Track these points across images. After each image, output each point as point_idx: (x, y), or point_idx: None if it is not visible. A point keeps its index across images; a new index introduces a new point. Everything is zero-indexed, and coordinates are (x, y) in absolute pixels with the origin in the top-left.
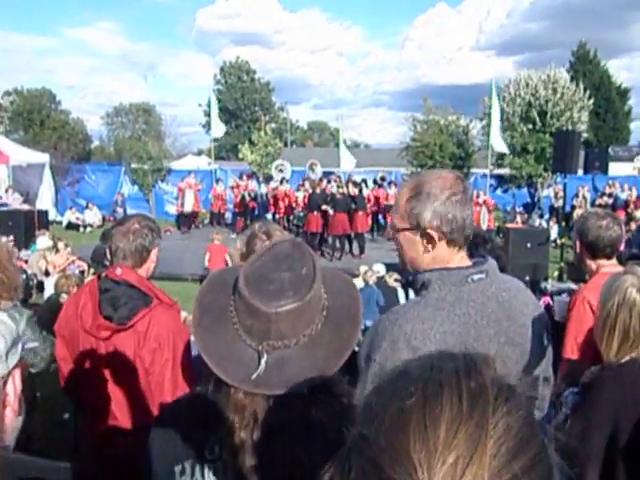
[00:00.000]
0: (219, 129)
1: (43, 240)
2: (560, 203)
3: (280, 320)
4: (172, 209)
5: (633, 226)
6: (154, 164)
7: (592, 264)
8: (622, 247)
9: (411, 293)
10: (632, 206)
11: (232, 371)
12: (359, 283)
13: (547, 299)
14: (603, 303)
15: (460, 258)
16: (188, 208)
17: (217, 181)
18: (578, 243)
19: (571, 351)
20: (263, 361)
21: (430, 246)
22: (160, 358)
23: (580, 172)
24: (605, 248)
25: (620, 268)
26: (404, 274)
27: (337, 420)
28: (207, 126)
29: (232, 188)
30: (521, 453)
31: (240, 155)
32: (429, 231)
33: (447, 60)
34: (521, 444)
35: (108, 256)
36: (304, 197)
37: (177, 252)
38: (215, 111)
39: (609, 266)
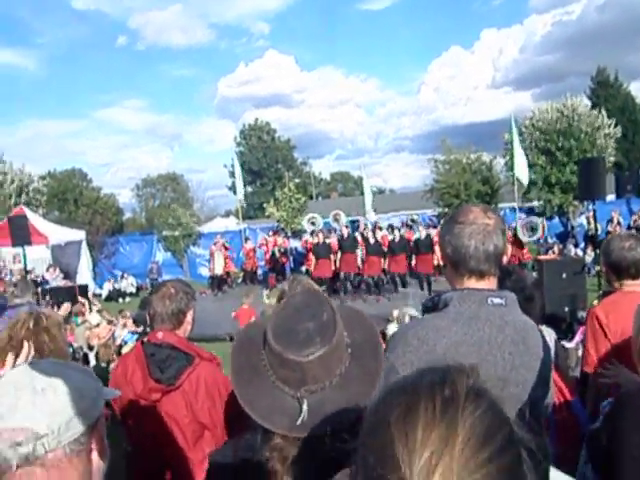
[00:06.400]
0: (241, 192)
1: (94, 316)
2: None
3: (313, 367)
4: (205, 271)
5: None
6: (184, 230)
7: (617, 284)
8: None
9: None
10: None
11: (278, 421)
12: (394, 328)
13: (584, 328)
14: (638, 327)
15: (475, 284)
16: (218, 270)
17: (246, 240)
18: (604, 265)
19: (590, 365)
20: (304, 406)
21: (444, 266)
22: (214, 412)
23: (612, 197)
24: (629, 268)
25: None
26: None
27: None
28: (233, 187)
29: (260, 245)
30: (487, 445)
31: (267, 213)
32: (440, 251)
33: (464, 100)
34: (487, 438)
35: (148, 321)
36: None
37: (212, 313)
38: (239, 173)
39: (632, 286)
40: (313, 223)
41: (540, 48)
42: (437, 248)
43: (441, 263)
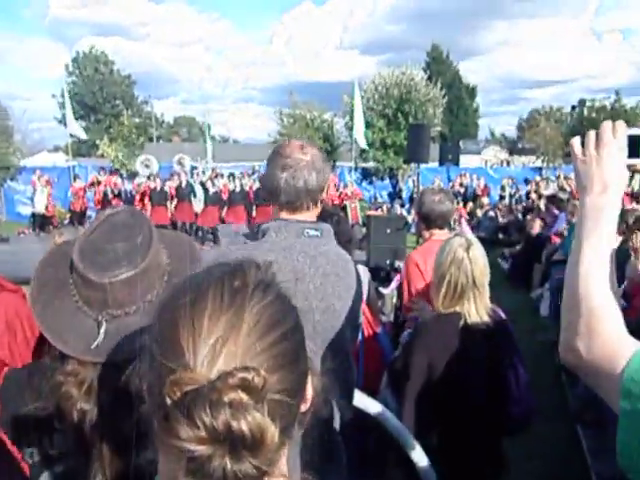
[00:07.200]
0: (73, 124)
1: None
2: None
3: (116, 289)
4: (25, 210)
5: (479, 213)
6: (1, 162)
7: (426, 234)
8: (470, 230)
9: None
10: (479, 194)
11: (72, 343)
12: None
13: (399, 276)
14: (438, 264)
15: (290, 216)
16: (40, 208)
17: (75, 178)
18: (416, 215)
19: (407, 307)
20: (102, 330)
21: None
22: (15, 346)
23: (436, 164)
24: (437, 219)
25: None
26: None
27: None
28: (63, 120)
29: (91, 185)
30: (271, 331)
31: (100, 151)
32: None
33: (314, 57)
34: (271, 325)
35: None
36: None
37: (32, 254)
38: (69, 105)
39: (440, 235)
40: (147, 166)
41: (388, 17)
42: None
43: None
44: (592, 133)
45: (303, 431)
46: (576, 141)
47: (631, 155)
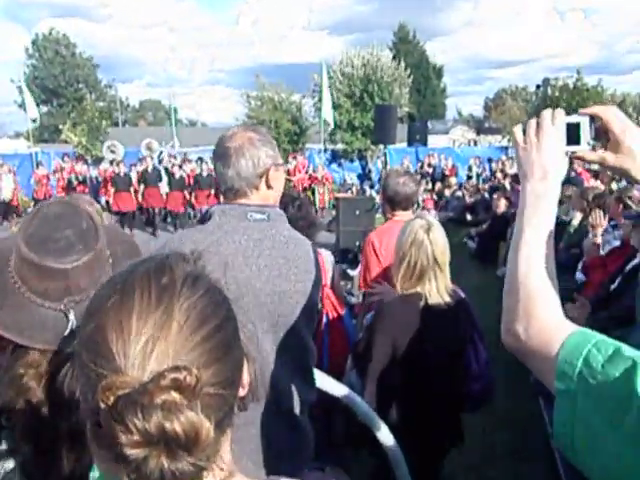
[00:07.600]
0: (33, 110)
1: None
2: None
3: (78, 275)
4: None
5: (447, 193)
6: None
7: (390, 215)
8: (437, 211)
9: None
10: (447, 174)
11: (38, 337)
12: None
13: None
14: (399, 245)
15: (236, 201)
16: (8, 195)
17: (38, 165)
18: (381, 197)
19: (364, 285)
20: (72, 317)
21: None
22: None
23: (405, 145)
24: (401, 202)
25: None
26: None
27: None
28: (24, 105)
29: (54, 172)
30: (203, 326)
31: (63, 136)
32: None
33: (281, 38)
34: (202, 320)
35: None
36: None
37: None
38: (26, 90)
39: (402, 216)
40: (113, 151)
41: None
42: None
43: None
44: (532, 121)
45: (263, 416)
46: (517, 129)
47: (571, 142)
